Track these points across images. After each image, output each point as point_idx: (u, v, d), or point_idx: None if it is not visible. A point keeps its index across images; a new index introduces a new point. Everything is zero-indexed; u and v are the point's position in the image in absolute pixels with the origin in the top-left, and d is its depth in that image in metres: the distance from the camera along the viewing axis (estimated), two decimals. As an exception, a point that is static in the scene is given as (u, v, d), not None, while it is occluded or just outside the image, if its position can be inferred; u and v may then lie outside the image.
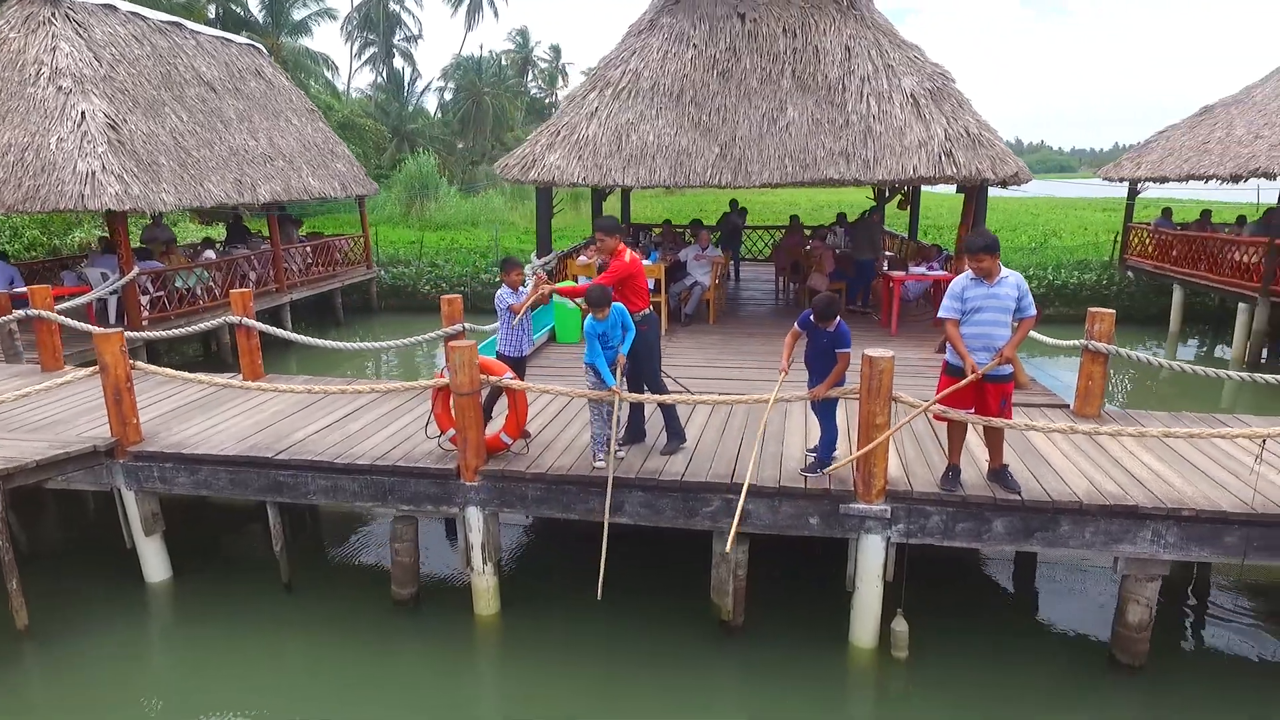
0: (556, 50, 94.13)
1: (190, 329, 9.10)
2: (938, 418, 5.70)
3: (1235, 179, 13.85)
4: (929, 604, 5.91)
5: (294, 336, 8.14)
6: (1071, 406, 7.33)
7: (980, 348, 5.31)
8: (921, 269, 11.26)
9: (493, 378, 6.10)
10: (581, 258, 11.23)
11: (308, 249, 17.39)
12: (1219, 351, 15.79)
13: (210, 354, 15.33)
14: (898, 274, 10.97)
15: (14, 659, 6.02)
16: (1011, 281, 5.34)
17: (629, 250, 6.36)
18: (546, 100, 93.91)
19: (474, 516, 6.11)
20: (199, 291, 13.83)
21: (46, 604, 6.42)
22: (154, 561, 6.88)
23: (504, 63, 75.30)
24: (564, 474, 5.94)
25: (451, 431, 6.18)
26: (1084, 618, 6.37)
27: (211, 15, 38.73)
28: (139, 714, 5.48)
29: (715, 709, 5.50)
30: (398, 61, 61.37)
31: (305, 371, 13.79)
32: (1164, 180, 16.47)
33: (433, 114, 62.76)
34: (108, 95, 12.22)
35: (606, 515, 5.66)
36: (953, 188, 10.78)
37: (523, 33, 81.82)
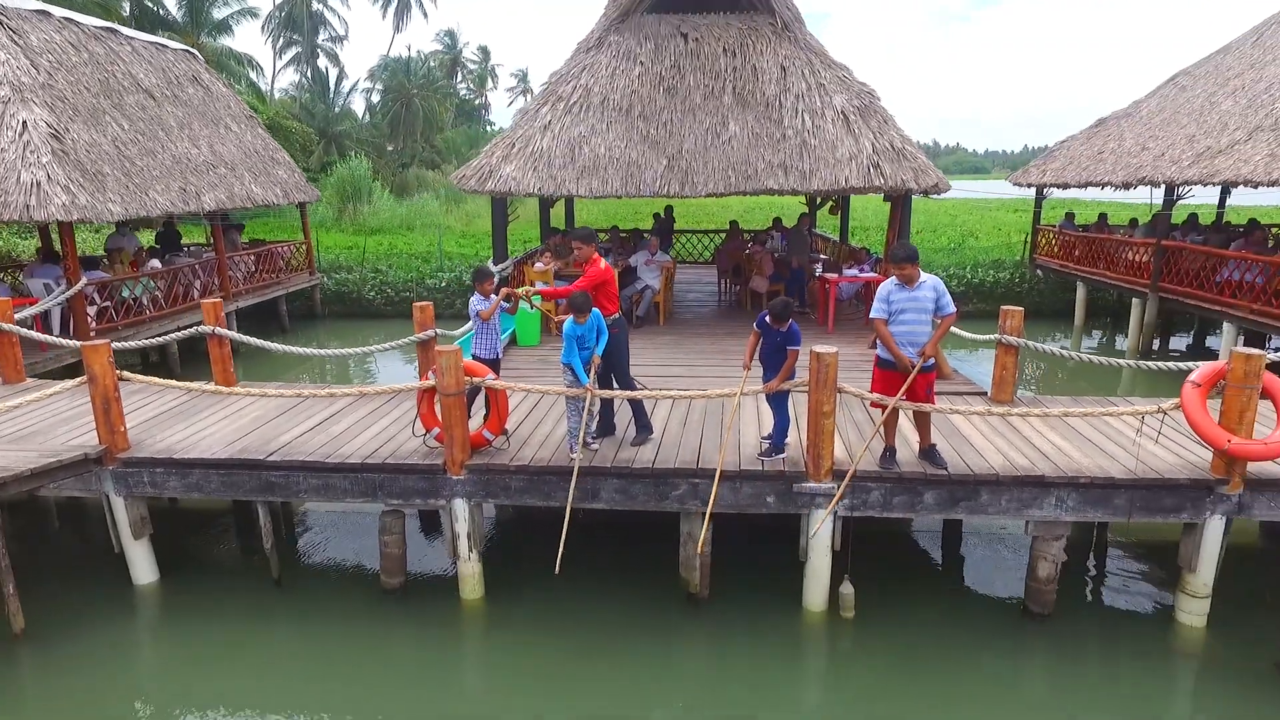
0: (485, 51, 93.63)
1: (169, 336, 9.23)
2: (874, 405, 6.52)
3: (1126, 186, 15.35)
4: (871, 570, 6.72)
5: (271, 345, 8.44)
6: (989, 393, 8.30)
7: (906, 344, 6.14)
8: (854, 271, 12.23)
9: (475, 379, 6.63)
10: (538, 264, 11.77)
11: (251, 257, 17.34)
12: (1118, 342, 17.37)
13: (150, 364, 15.17)
14: (832, 276, 11.90)
15: (11, 662, 6.23)
16: (930, 285, 6.17)
17: (603, 259, 6.98)
18: (476, 101, 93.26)
19: (460, 508, 6.63)
20: (145, 301, 13.75)
21: (40, 608, 6.63)
22: (142, 565, 7.14)
23: (432, 64, 74.49)
24: (545, 465, 6.52)
25: (436, 430, 6.69)
26: (1001, 576, 7.31)
27: (126, 13, 37.42)
28: (134, 711, 5.80)
29: (685, 672, 6.17)
30: (323, 62, 60.24)
31: (251, 378, 13.90)
32: (1066, 186, 18.00)
33: (361, 116, 61.70)
34: (48, 104, 12.11)
35: (570, 499, 6.28)
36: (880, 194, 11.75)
37: (451, 34, 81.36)
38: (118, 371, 6.82)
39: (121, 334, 12.83)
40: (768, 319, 6.34)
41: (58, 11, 13.79)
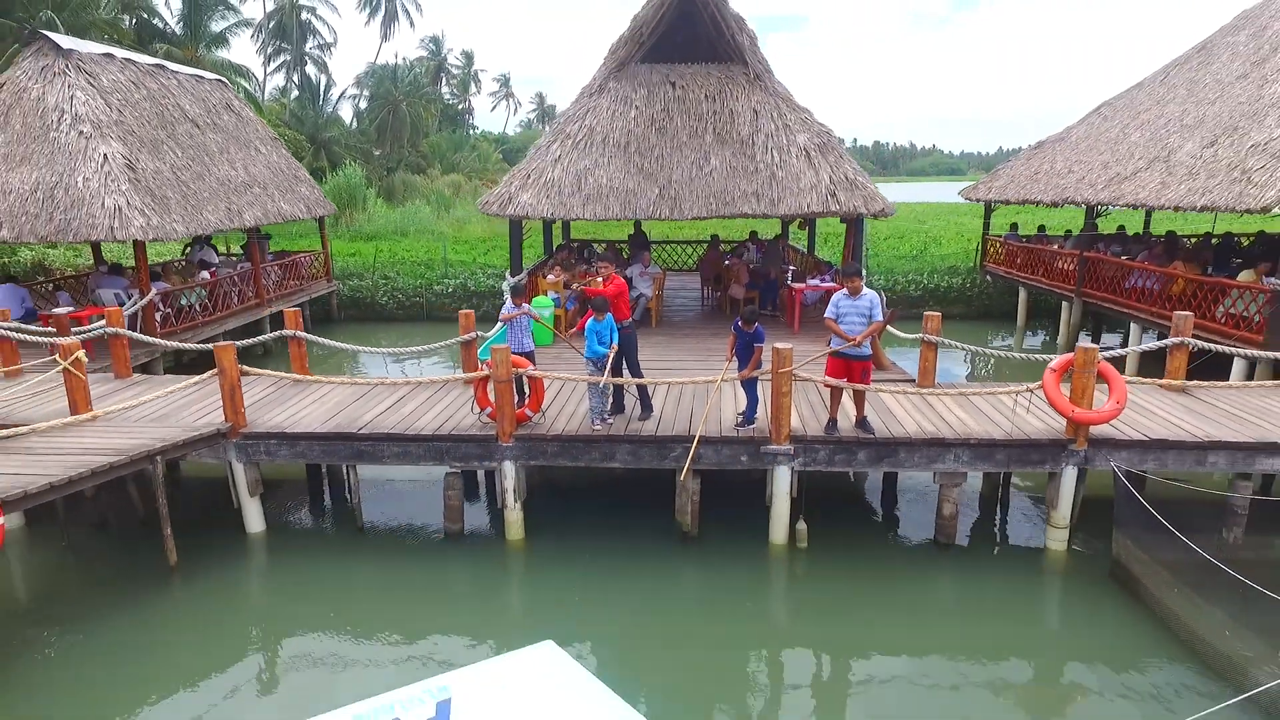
0: (469, 57, 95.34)
1: (261, 338, 11.28)
2: (826, 384, 8.71)
3: (1055, 204, 17.74)
4: (820, 512, 8.92)
5: (344, 345, 10.50)
6: (916, 380, 10.53)
7: (855, 332, 8.32)
8: (816, 281, 14.45)
9: (520, 370, 8.75)
10: (549, 276, 13.87)
11: (278, 267, 19.26)
12: (1060, 338, 19.76)
13: (184, 364, 17.03)
14: (799, 286, 14.12)
15: (167, 587, 8.25)
16: (869, 297, 8.37)
17: (619, 276, 9.13)
18: (459, 106, 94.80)
19: (509, 468, 8.73)
20: (197, 307, 15.68)
21: (184, 549, 8.65)
22: (254, 517, 9.18)
23: (418, 70, 76.07)
24: (574, 435, 8.65)
25: (489, 409, 8.79)
26: (921, 517, 9.53)
27: (126, 25, 38.95)
28: (252, 628, 7.82)
29: (681, 590, 8.30)
30: (312, 69, 61.70)
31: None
32: (1008, 202, 20.39)
33: (349, 122, 63.17)
34: (121, 137, 14.05)
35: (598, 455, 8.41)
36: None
37: (436, 40, 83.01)
38: (241, 367, 8.85)
39: (181, 335, 14.73)
40: (740, 323, 8.52)
41: (119, 53, 15.71)
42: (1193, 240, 19.61)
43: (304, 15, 59.09)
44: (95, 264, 17.19)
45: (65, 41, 14.42)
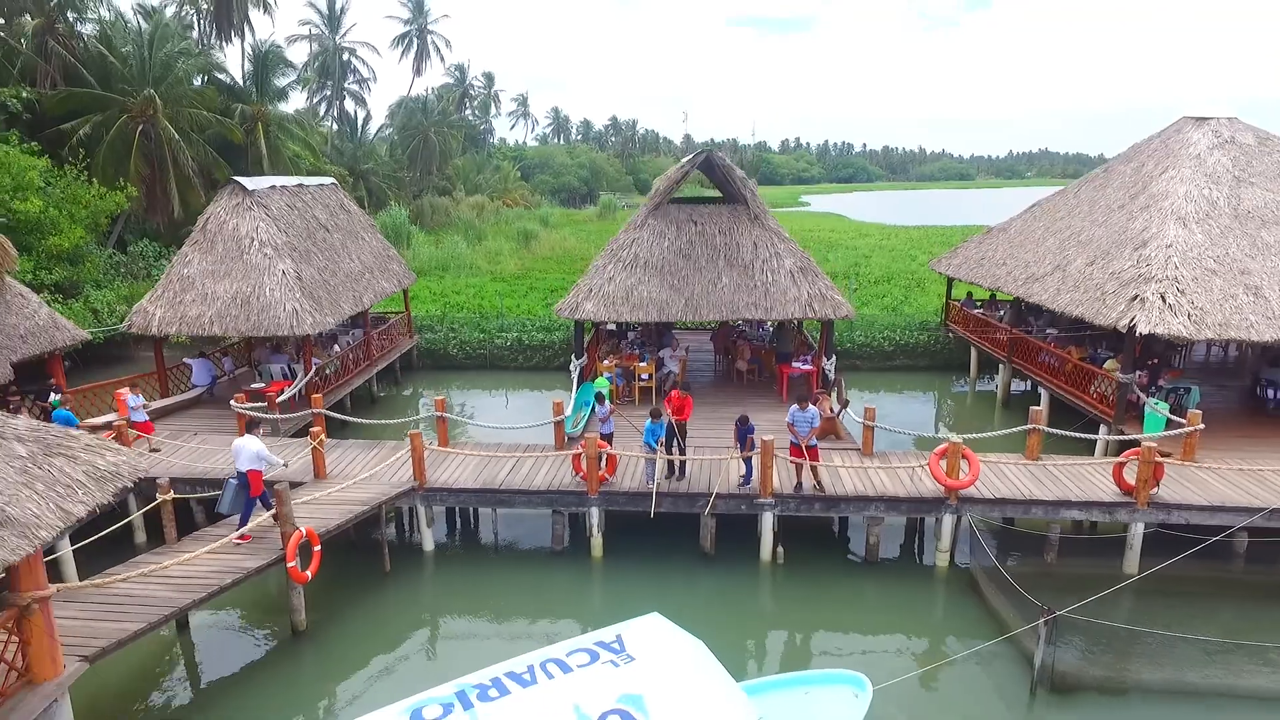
0: (490, 78, 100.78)
1: (411, 418, 16.52)
2: (792, 461, 13.88)
3: (992, 291, 22.81)
4: (793, 540, 14.11)
5: (483, 424, 15.73)
6: (860, 449, 15.66)
7: (804, 432, 13.51)
8: (798, 364, 19.58)
9: (602, 449, 13.96)
10: (606, 360, 19.06)
11: (379, 334, 24.49)
12: (998, 391, 24.88)
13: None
14: (786, 366, 19.29)
15: (382, 586, 13.50)
16: (813, 411, 13.53)
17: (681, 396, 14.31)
18: (481, 126, 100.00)
19: (594, 511, 13.96)
20: (329, 373, 20.93)
21: (394, 561, 13.91)
22: (428, 540, 14.43)
23: (446, 99, 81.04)
24: (636, 490, 13.86)
25: (582, 473, 14.02)
26: (857, 544, 14.69)
27: (198, 83, 44.18)
28: (424, 612, 13.07)
29: (701, 587, 13.48)
30: (351, 105, 66.99)
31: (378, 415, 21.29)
32: (961, 280, 25.46)
33: (384, 153, 68.23)
34: (289, 254, 19.34)
35: (662, 507, 13.64)
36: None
37: (460, 68, 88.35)
38: (428, 444, 14.09)
39: (326, 395, 19.98)
40: (738, 422, 13.72)
41: (277, 181, 20.99)
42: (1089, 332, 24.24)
43: (345, 55, 64.38)
44: (249, 342, 22.45)
45: (249, 183, 19.68)
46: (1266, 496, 13.23)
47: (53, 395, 15.69)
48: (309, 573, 11.70)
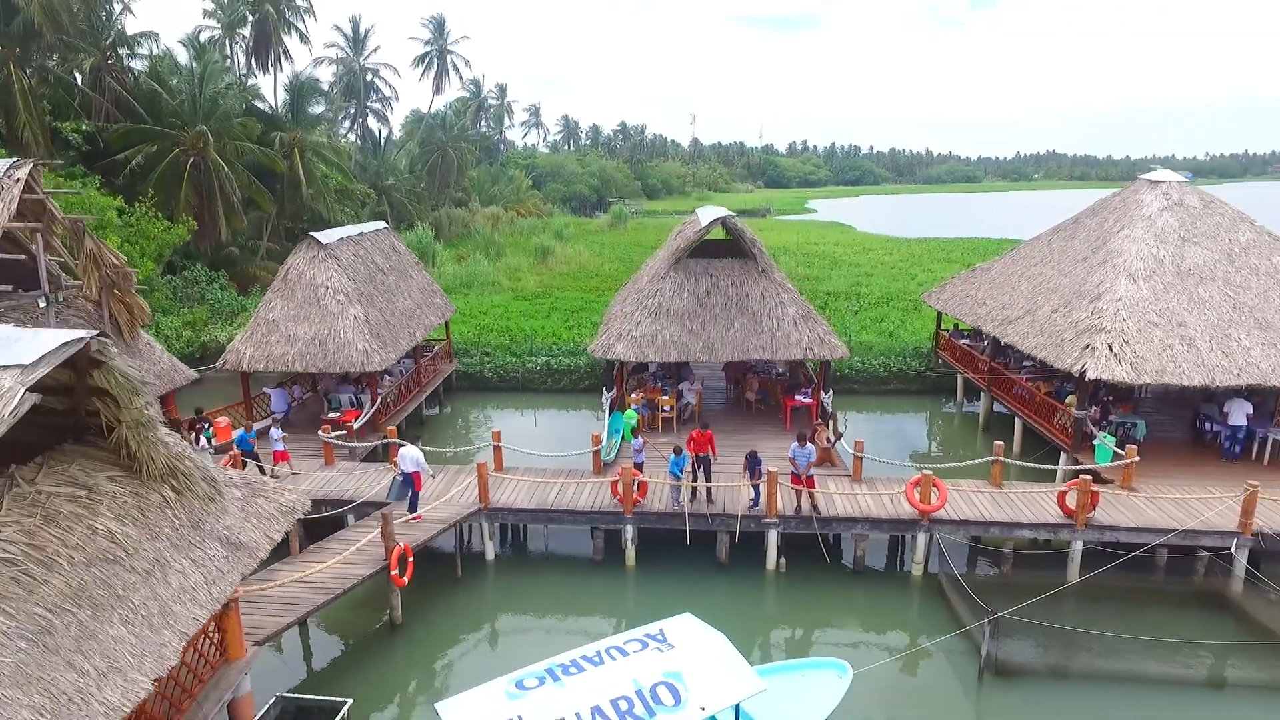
0: (503, 89, 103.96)
1: (466, 448, 19.58)
2: (793, 487, 16.90)
3: (975, 328, 25.76)
4: (794, 553, 17.13)
5: (534, 452, 18.78)
6: (851, 474, 18.65)
7: (803, 465, 16.53)
8: (799, 396, 22.56)
9: (636, 477, 16.98)
10: (634, 394, 22.07)
11: (427, 361, 27.52)
12: (981, 415, 27.81)
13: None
14: (789, 397, 22.29)
15: (453, 591, 16.56)
16: (811, 447, 16.56)
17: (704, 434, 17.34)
18: (494, 137, 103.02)
19: (629, 529, 17.01)
20: (389, 400, 23.99)
21: (463, 568, 16.98)
22: (490, 551, 17.50)
23: (461, 112, 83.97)
24: (665, 511, 16.91)
25: (619, 497, 17.05)
26: (848, 555, 17.69)
27: (241, 109, 47.25)
28: (488, 609, 16.16)
29: (718, 589, 16.51)
30: (374, 123, 70.12)
31: (426, 433, 24.37)
32: (949, 314, 28.38)
33: (404, 169, 71.25)
34: (358, 301, 22.40)
35: (687, 525, 16.69)
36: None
37: (476, 82, 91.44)
38: (492, 471, 17.15)
39: (384, 421, 23.02)
40: (748, 457, 16.74)
41: (344, 233, 24.05)
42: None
43: (368, 76, 67.52)
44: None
45: (322, 238, 22.73)
46: (1183, 519, 16.20)
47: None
48: (406, 578, 14.76)
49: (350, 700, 12.33)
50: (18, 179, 13.99)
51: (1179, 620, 15.19)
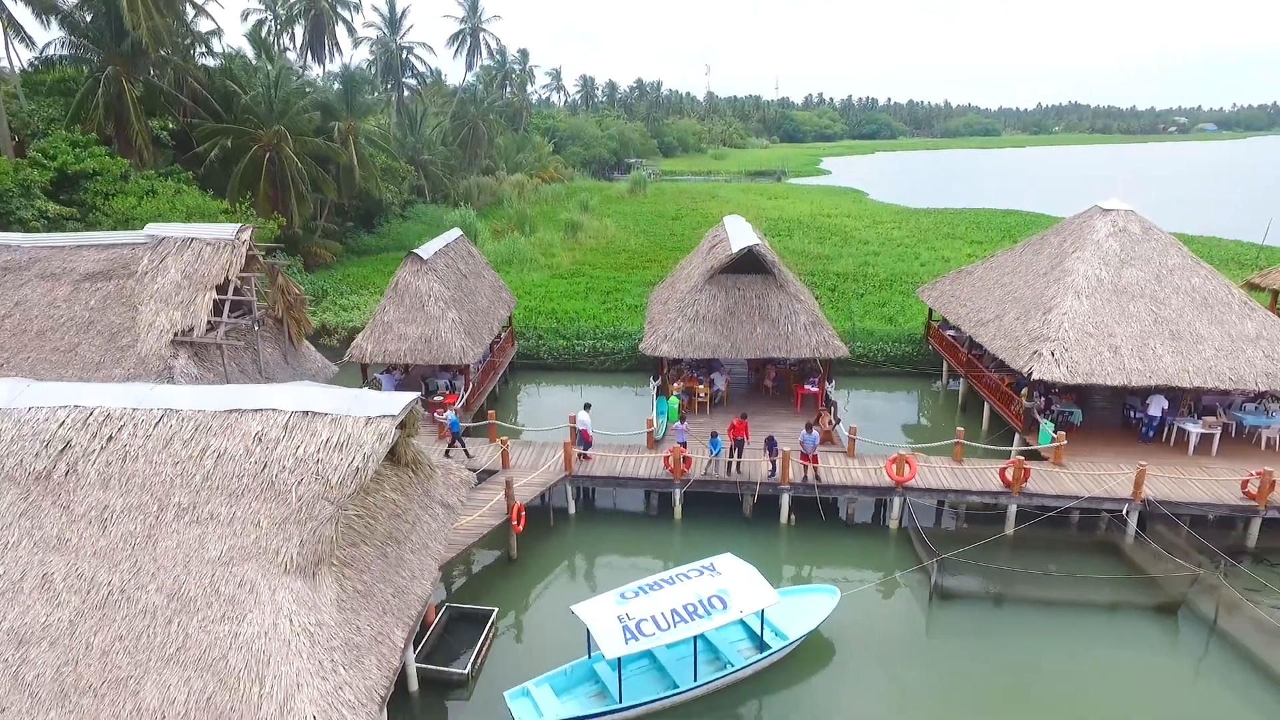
0: (525, 54, 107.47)
1: (547, 430, 25.57)
2: (800, 462, 22.77)
3: (956, 328, 31.26)
4: (801, 511, 23.10)
5: (601, 431, 24.71)
6: (846, 450, 24.46)
7: (809, 447, 22.37)
8: (807, 385, 28.25)
9: (682, 453, 22.86)
10: (675, 384, 27.80)
11: (498, 348, 33.25)
12: (960, 395, 33.47)
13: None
14: (800, 385, 28.01)
15: (547, 534, 22.63)
16: (816, 433, 22.40)
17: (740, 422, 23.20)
18: (517, 102, 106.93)
19: (677, 492, 22.98)
20: (475, 384, 29.80)
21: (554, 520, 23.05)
22: (572, 507, 23.53)
23: (488, 81, 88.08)
24: (705, 479, 22.85)
25: (670, 469, 22.97)
26: (843, 512, 23.64)
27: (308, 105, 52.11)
28: (579, 551, 22.25)
29: (741, 537, 22.47)
30: (409, 98, 74.57)
31: (499, 409, 30.26)
32: (937, 310, 33.80)
33: (437, 143, 75.92)
34: (454, 306, 28.08)
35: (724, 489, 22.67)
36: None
37: (501, 52, 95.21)
38: (579, 451, 23.06)
39: (473, 400, 28.86)
40: (767, 441, 22.58)
41: (435, 246, 29.59)
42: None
43: (404, 54, 71.86)
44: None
45: (422, 253, 28.28)
46: (1093, 488, 22.00)
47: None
48: (520, 526, 20.78)
49: (496, 609, 18.48)
50: (244, 240, 19.62)
51: (1083, 562, 21.10)
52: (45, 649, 10.67)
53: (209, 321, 19.30)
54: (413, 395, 13.21)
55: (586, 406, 24.45)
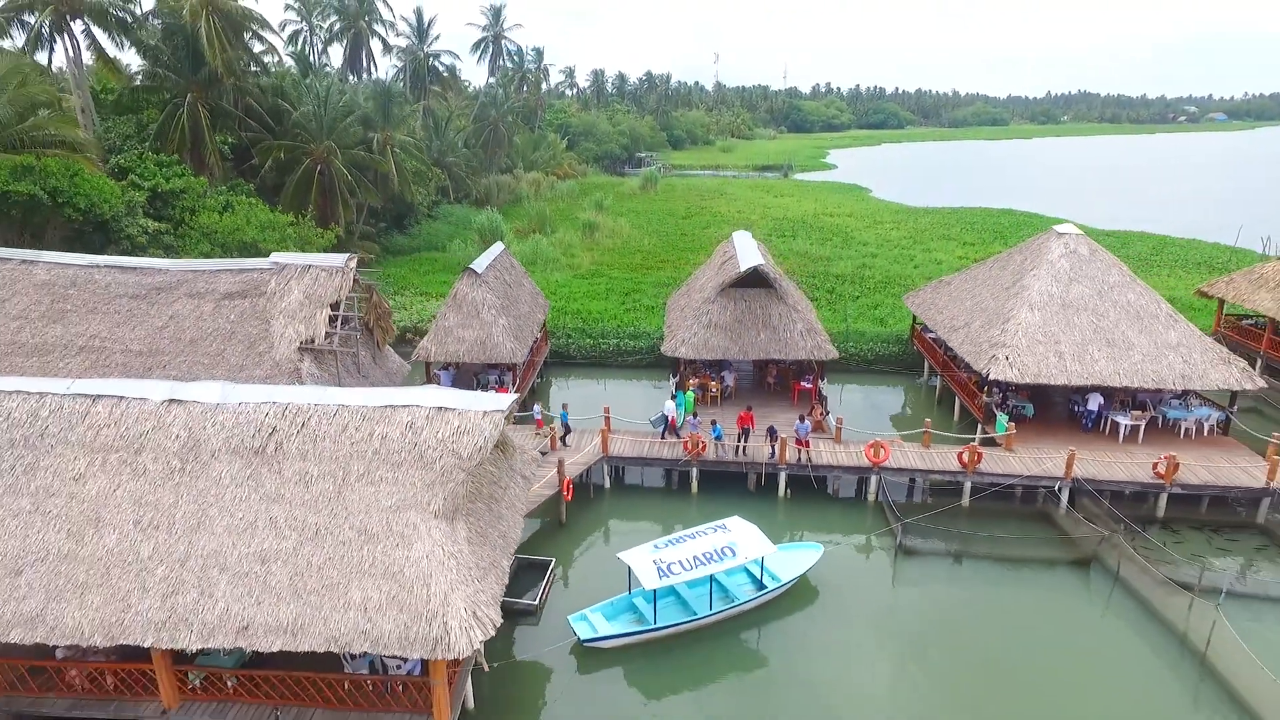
0: (539, 53, 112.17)
1: (590, 416, 31.07)
2: (797, 445, 28.16)
3: (935, 336, 36.52)
4: (796, 486, 28.52)
5: (631, 420, 30.12)
6: (834, 436, 29.81)
7: (803, 434, 27.76)
8: (803, 381, 33.55)
9: (698, 439, 28.26)
10: (691, 380, 33.11)
11: (536, 346, 38.57)
12: (937, 390, 38.75)
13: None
14: (797, 382, 33.34)
15: (589, 504, 28.10)
16: (809, 422, 27.80)
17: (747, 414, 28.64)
18: (533, 100, 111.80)
19: (694, 470, 28.41)
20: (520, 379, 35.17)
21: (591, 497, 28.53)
22: (607, 483, 28.98)
23: (505, 82, 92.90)
24: (717, 459, 28.27)
25: (690, 452, 28.40)
26: (830, 487, 29.06)
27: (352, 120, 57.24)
28: (610, 527, 27.73)
29: (747, 508, 27.84)
30: (435, 103, 79.61)
31: (538, 400, 35.69)
32: (919, 316, 39.04)
33: (459, 145, 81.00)
34: (504, 313, 33.41)
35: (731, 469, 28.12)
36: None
37: (519, 53, 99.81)
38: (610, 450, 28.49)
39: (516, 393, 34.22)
40: (769, 430, 27.98)
41: (487, 259, 34.91)
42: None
43: (431, 62, 76.86)
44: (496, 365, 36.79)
45: (477, 267, 33.61)
46: (1033, 469, 27.35)
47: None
48: (569, 496, 26.22)
49: (554, 559, 23.99)
50: (351, 267, 25.00)
51: (1022, 528, 26.48)
52: (280, 565, 16.08)
53: (326, 332, 24.66)
54: (513, 396, 18.59)
55: (673, 396, 30.09)
